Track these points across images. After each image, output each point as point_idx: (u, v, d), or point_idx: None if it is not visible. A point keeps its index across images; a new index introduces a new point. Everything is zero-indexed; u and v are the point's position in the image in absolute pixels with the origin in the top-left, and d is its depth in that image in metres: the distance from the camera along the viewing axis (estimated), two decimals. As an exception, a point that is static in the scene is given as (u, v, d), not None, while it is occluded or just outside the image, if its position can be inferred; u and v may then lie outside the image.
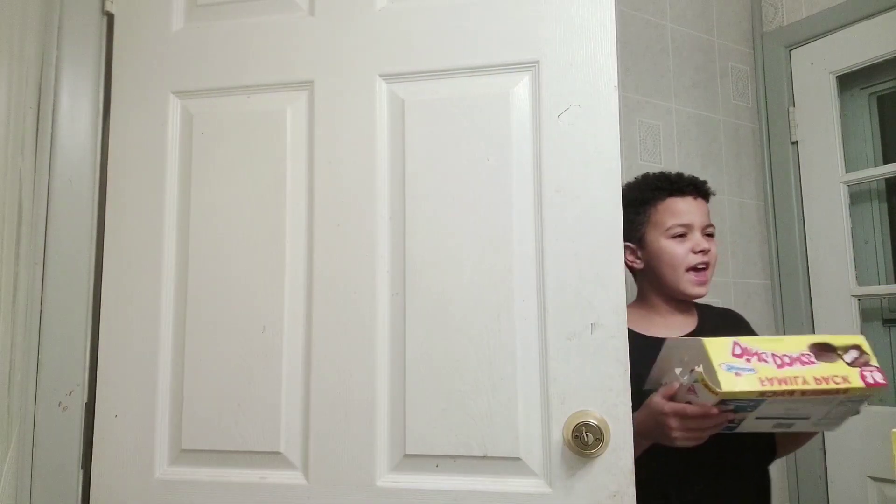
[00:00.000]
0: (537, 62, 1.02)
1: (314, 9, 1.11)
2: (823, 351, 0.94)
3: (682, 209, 1.21)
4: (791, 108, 1.94)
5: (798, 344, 0.95)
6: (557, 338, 0.97)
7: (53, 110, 1.08)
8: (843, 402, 0.93)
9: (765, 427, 0.99)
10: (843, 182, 1.84)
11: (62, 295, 1.07)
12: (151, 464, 1.05)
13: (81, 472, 1.07)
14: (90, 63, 1.12)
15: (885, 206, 1.93)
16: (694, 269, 1.19)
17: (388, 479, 0.99)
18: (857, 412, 0.97)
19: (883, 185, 1.92)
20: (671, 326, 1.21)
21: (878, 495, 1.73)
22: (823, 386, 0.89)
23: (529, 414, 0.97)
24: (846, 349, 0.93)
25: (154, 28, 1.14)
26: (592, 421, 0.93)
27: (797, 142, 1.93)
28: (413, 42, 1.06)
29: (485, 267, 1.00)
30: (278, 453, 1.03)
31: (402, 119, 1.06)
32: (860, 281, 1.81)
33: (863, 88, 1.98)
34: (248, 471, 1.03)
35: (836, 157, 1.85)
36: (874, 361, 0.92)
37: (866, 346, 0.94)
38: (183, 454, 1.06)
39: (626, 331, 0.96)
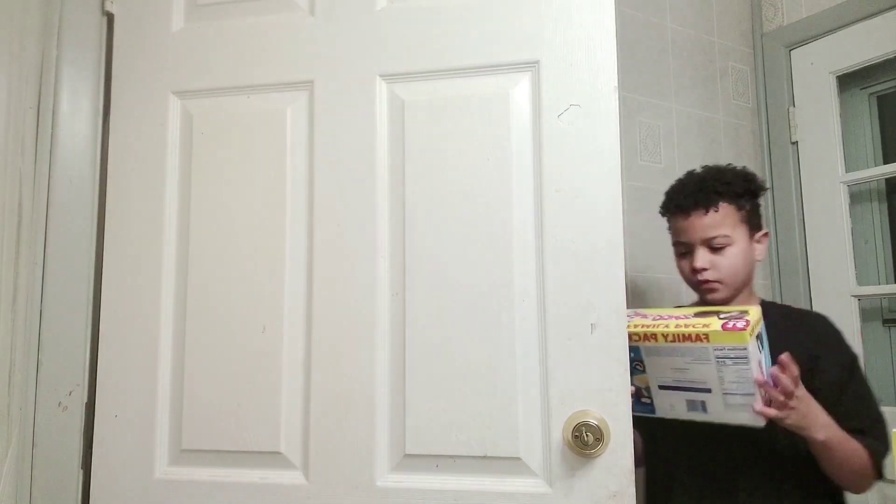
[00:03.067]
0: (537, 62, 1.02)
1: (314, 9, 1.11)
2: (708, 314, 1.01)
3: (681, 227, 1.23)
4: (791, 108, 1.94)
5: (688, 311, 1.05)
6: (557, 338, 0.97)
7: (53, 110, 1.08)
8: (727, 362, 0.96)
9: (679, 407, 1.04)
10: (843, 182, 1.84)
11: (62, 295, 1.07)
12: (151, 464, 1.05)
13: (81, 472, 1.07)
14: (90, 63, 1.12)
15: (885, 206, 1.93)
16: (700, 281, 1.20)
17: (388, 479, 0.99)
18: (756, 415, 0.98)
19: (883, 185, 1.92)
20: None
21: (878, 495, 1.73)
22: (682, 330, 0.97)
23: (529, 414, 0.97)
24: (729, 312, 1.00)
25: (154, 28, 1.14)
26: (592, 421, 0.93)
27: (797, 142, 1.93)
28: (413, 42, 1.06)
29: (485, 267, 1.00)
30: (278, 453, 1.03)
31: (402, 119, 1.06)
32: (860, 281, 1.81)
33: (863, 88, 1.98)
34: (248, 471, 1.03)
35: (836, 157, 1.85)
36: (749, 317, 0.96)
37: (752, 311, 0.98)
38: (183, 454, 1.06)
39: (626, 331, 0.96)
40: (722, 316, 0.99)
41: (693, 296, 1.30)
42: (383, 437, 1.00)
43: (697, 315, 1.02)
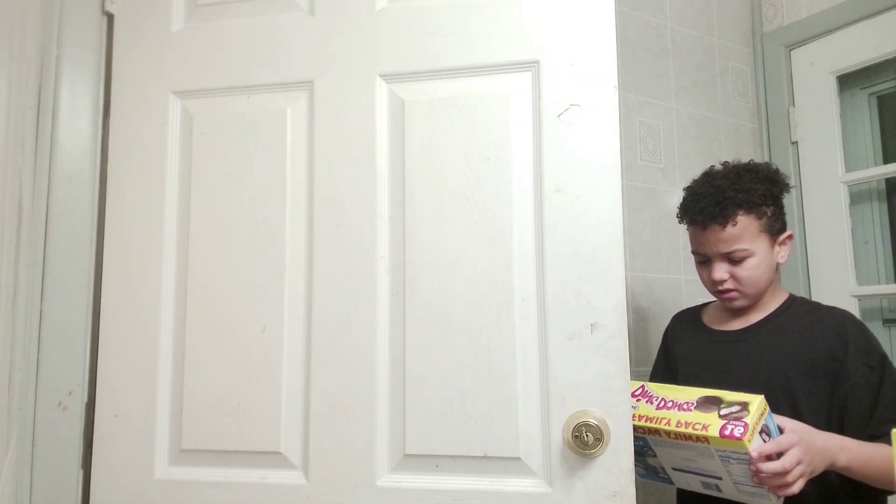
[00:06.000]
0: (537, 62, 1.02)
1: (314, 9, 1.11)
2: (710, 402, 0.99)
3: (699, 240, 1.19)
4: (791, 108, 1.94)
5: (691, 394, 1.01)
6: (557, 338, 0.97)
7: (53, 110, 1.08)
8: (731, 461, 0.95)
9: (695, 485, 1.04)
10: (843, 182, 1.84)
11: (62, 295, 1.07)
12: (151, 464, 1.05)
13: (81, 472, 1.07)
14: (90, 63, 1.12)
15: (885, 206, 1.92)
16: (719, 291, 1.19)
17: (388, 479, 0.99)
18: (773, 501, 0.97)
19: (883, 185, 1.92)
20: (731, 323, 1.23)
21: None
22: (683, 430, 0.95)
23: (529, 414, 0.97)
24: (731, 404, 0.97)
25: (154, 28, 1.14)
26: (592, 421, 0.93)
27: (797, 142, 1.93)
28: (413, 42, 1.06)
29: (485, 267, 1.00)
30: (278, 453, 1.03)
31: (402, 119, 1.05)
32: (860, 281, 1.81)
33: (863, 88, 1.98)
34: (248, 471, 1.03)
35: (836, 157, 1.84)
36: (748, 419, 0.93)
37: (753, 406, 0.95)
38: (183, 454, 1.06)
39: (626, 331, 0.96)
40: (722, 412, 0.96)
41: (694, 297, 1.30)
42: (383, 437, 1.00)
43: (700, 405, 0.99)
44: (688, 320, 1.33)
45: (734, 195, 1.14)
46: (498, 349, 0.99)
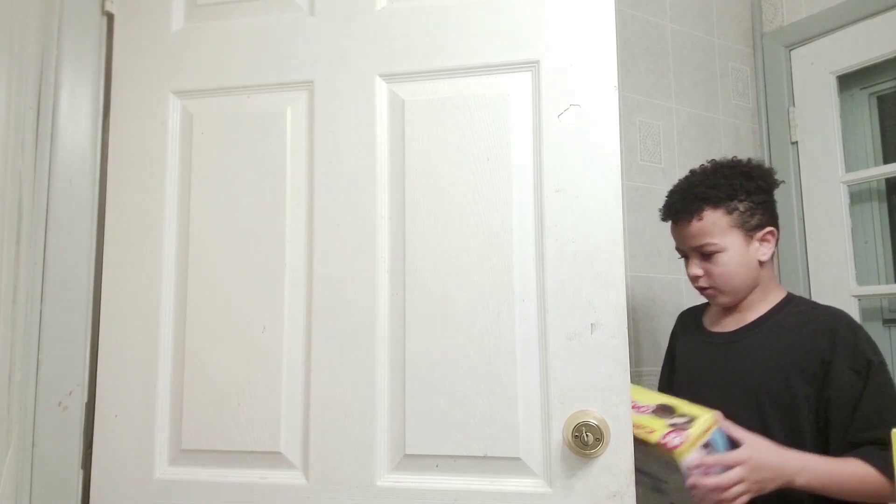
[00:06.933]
0: (537, 62, 1.02)
1: (314, 9, 1.11)
2: (665, 410, 1.02)
3: (673, 235, 1.23)
4: (791, 108, 1.94)
5: (653, 398, 1.05)
6: (557, 338, 0.97)
7: (53, 110, 1.08)
8: (674, 469, 0.97)
9: (648, 485, 1.07)
10: (843, 182, 1.84)
11: (62, 295, 1.07)
12: (151, 464, 1.05)
13: (81, 472, 1.07)
14: (90, 63, 1.12)
15: (885, 206, 1.92)
16: (699, 287, 1.20)
17: (388, 479, 0.99)
18: None
19: (883, 185, 1.92)
20: (725, 324, 1.23)
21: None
22: (634, 431, 0.96)
23: (529, 414, 0.97)
24: (682, 415, 1.00)
25: (154, 28, 1.14)
26: (592, 421, 0.93)
27: (797, 142, 1.93)
28: (413, 42, 1.06)
29: (485, 267, 1.00)
30: (278, 453, 1.03)
31: (402, 119, 1.05)
32: (860, 281, 1.81)
33: (863, 88, 1.98)
34: (248, 471, 1.03)
35: (836, 157, 1.84)
36: (689, 432, 0.95)
37: (700, 420, 0.97)
38: (183, 454, 1.06)
39: (626, 331, 0.96)
40: (671, 421, 0.98)
41: (694, 297, 1.30)
42: (383, 437, 1.00)
43: (656, 410, 1.02)
44: (690, 320, 1.33)
45: (702, 191, 1.16)
46: (498, 349, 0.99)
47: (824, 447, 1.04)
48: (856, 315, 1.77)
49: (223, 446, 1.04)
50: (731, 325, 1.20)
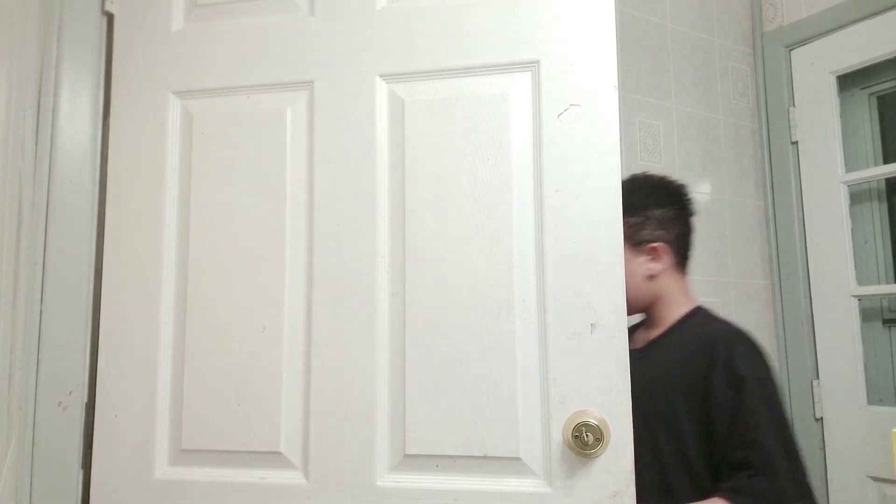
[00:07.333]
0: (537, 62, 1.02)
1: (314, 9, 1.11)
2: None
3: None
4: (791, 108, 1.94)
5: None
6: (557, 338, 0.97)
7: (53, 110, 1.08)
8: None
9: None
10: (843, 182, 1.84)
11: (62, 295, 1.06)
12: (151, 464, 1.05)
13: (81, 472, 1.07)
14: (90, 63, 1.12)
15: (885, 206, 1.93)
16: None
17: (388, 479, 0.99)
18: None
19: (883, 185, 1.92)
20: (638, 340, 1.21)
21: (878, 495, 1.73)
22: None
23: (529, 414, 0.97)
24: None
25: (154, 28, 1.14)
26: (592, 421, 0.93)
27: (797, 142, 1.93)
28: (413, 42, 1.06)
29: (485, 267, 1.00)
30: (278, 453, 1.03)
31: (402, 119, 1.06)
32: (860, 281, 1.81)
33: (863, 88, 1.98)
34: (248, 471, 1.03)
35: (836, 157, 1.85)
36: None
37: None
38: (183, 454, 1.06)
39: (626, 331, 0.96)
40: None
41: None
42: (383, 437, 1.00)
43: None
44: (632, 334, 1.28)
45: None
46: (498, 349, 0.99)
47: (714, 466, 1.02)
48: (856, 315, 1.77)
49: (223, 446, 1.04)
50: (641, 341, 1.21)
